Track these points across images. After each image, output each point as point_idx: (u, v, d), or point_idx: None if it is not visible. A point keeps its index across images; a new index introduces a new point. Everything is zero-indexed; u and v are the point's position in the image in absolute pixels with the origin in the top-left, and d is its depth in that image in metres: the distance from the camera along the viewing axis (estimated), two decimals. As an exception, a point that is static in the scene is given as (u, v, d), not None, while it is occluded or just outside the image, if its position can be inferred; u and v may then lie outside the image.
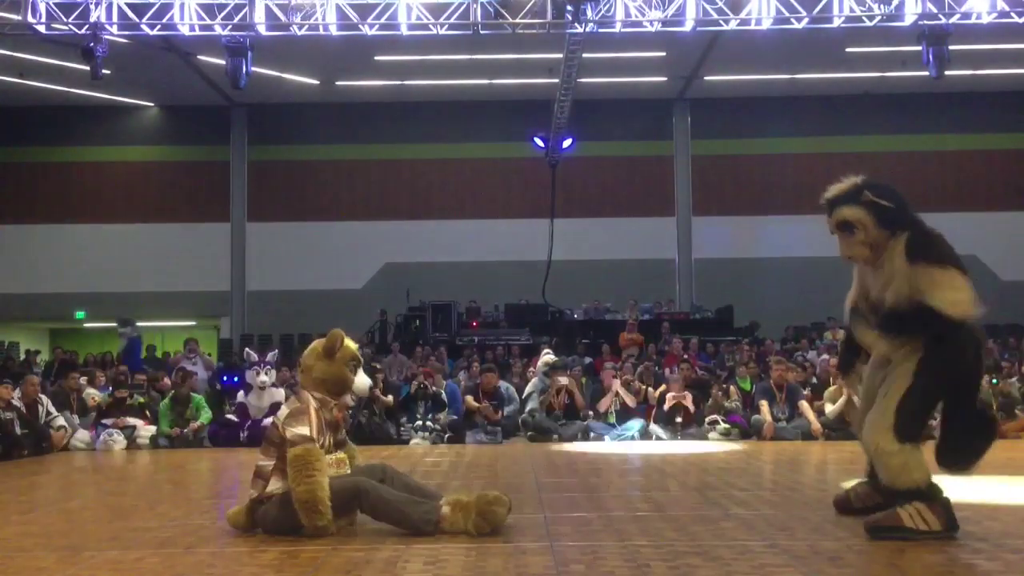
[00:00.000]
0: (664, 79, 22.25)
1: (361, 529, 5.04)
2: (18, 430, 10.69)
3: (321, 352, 5.02)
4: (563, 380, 12.70)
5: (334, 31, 15.25)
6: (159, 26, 15.24)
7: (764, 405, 12.04)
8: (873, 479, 5.01)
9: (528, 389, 13.51)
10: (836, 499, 5.44)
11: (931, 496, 4.51)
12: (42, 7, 14.82)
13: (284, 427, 4.91)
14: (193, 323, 24.06)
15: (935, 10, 14.89)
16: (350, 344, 5.10)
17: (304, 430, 4.83)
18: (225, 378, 14.27)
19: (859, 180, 4.76)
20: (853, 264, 4.95)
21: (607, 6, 14.98)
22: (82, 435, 11.67)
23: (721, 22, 15.58)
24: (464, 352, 17.97)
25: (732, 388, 13.13)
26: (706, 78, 22.05)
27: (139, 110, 23.92)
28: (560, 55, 16.67)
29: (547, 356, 14.21)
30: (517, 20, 14.90)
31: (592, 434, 12.07)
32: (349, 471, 5.14)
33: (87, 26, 14.73)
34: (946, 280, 4.49)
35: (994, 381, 12.44)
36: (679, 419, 12.15)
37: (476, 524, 4.75)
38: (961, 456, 4.66)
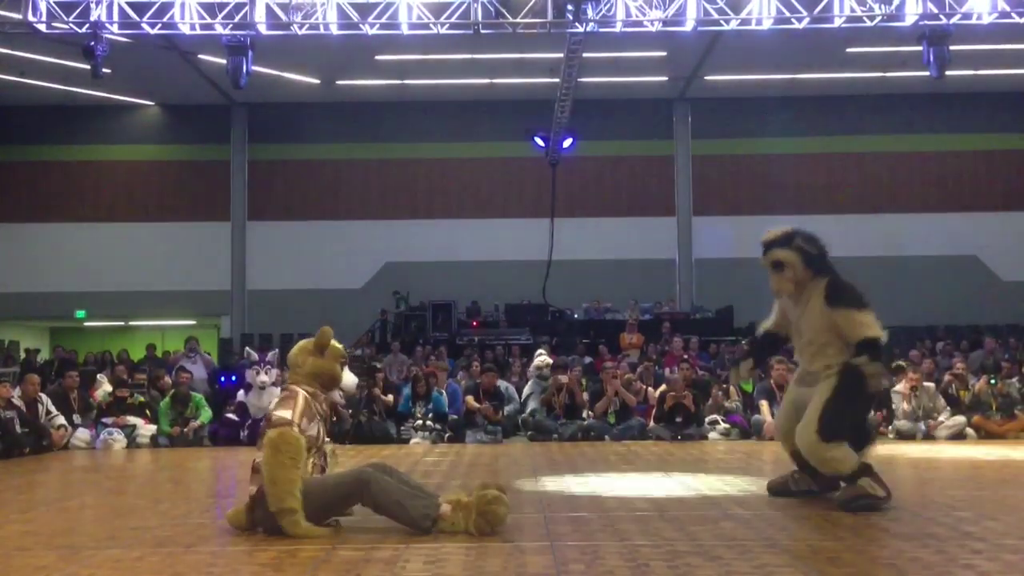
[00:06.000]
0: (664, 79, 22.23)
1: (361, 529, 5.04)
2: (18, 429, 10.69)
3: (312, 348, 5.23)
4: (563, 380, 12.69)
5: (334, 31, 15.23)
6: (159, 25, 15.20)
7: (764, 405, 12.04)
8: (806, 469, 5.99)
9: (526, 390, 13.51)
10: (772, 484, 6.25)
11: (868, 471, 5.53)
12: (42, 6, 14.79)
13: (271, 412, 5.05)
14: (193, 323, 24.02)
15: (935, 10, 14.86)
16: (336, 343, 5.33)
17: (286, 413, 4.95)
18: (223, 379, 14.25)
19: (791, 229, 5.92)
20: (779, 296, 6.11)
21: (607, 6, 14.96)
22: (82, 434, 11.66)
23: (721, 22, 15.56)
24: (464, 352, 17.96)
25: (732, 388, 13.12)
26: (706, 78, 22.02)
27: (139, 109, 23.89)
28: (560, 55, 16.64)
29: (540, 359, 14.15)
30: (517, 20, 14.88)
31: (592, 434, 12.07)
32: (339, 460, 5.37)
33: (87, 25, 14.70)
34: (866, 320, 5.66)
35: (992, 381, 12.43)
36: (679, 419, 12.15)
37: (476, 524, 4.78)
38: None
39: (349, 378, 5.47)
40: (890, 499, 5.54)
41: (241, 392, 12.31)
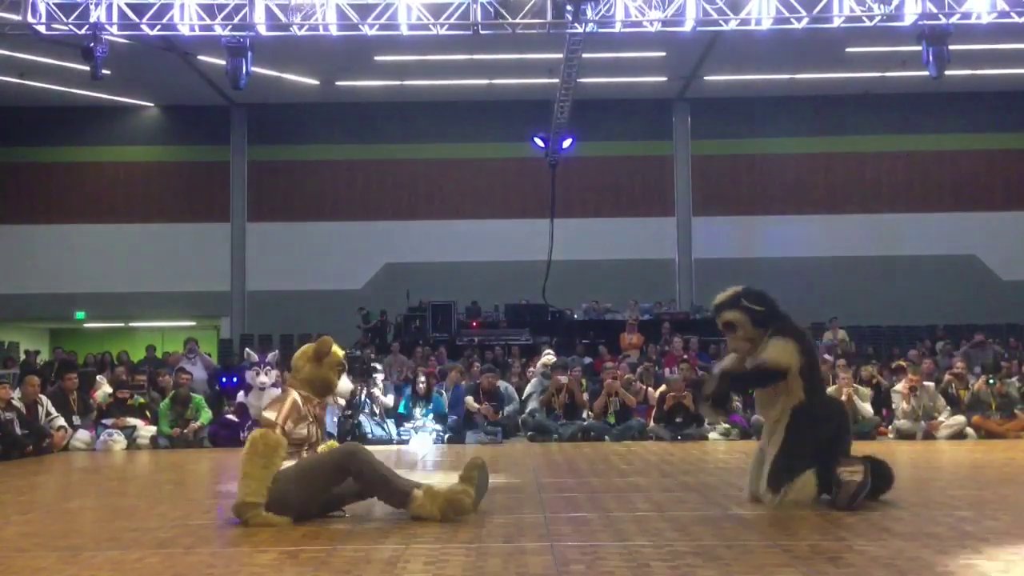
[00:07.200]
0: (664, 79, 22.25)
1: (361, 529, 5.06)
2: (18, 430, 10.68)
3: (311, 355, 5.44)
4: (563, 380, 12.69)
5: (334, 31, 15.24)
6: (159, 26, 15.21)
7: (764, 405, 12.02)
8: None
9: (528, 390, 13.51)
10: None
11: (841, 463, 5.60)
12: (42, 7, 14.79)
13: (260, 414, 5.41)
14: (193, 323, 24.04)
15: (935, 10, 14.86)
16: (337, 350, 5.53)
17: (272, 415, 5.23)
18: (224, 379, 14.23)
19: (739, 289, 6.05)
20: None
21: (607, 6, 14.96)
22: (82, 435, 11.65)
23: (721, 22, 15.56)
24: (464, 353, 17.95)
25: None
26: (706, 78, 22.04)
27: (139, 110, 23.91)
28: (560, 55, 16.65)
29: (547, 357, 14.19)
30: (517, 20, 14.88)
31: (592, 434, 12.06)
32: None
33: (87, 26, 14.69)
34: (778, 347, 5.78)
35: (991, 381, 12.42)
36: (679, 419, 12.15)
37: (442, 509, 5.09)
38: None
39: (344, 385, 5.75)
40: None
41: (241, 393, 12.31)
